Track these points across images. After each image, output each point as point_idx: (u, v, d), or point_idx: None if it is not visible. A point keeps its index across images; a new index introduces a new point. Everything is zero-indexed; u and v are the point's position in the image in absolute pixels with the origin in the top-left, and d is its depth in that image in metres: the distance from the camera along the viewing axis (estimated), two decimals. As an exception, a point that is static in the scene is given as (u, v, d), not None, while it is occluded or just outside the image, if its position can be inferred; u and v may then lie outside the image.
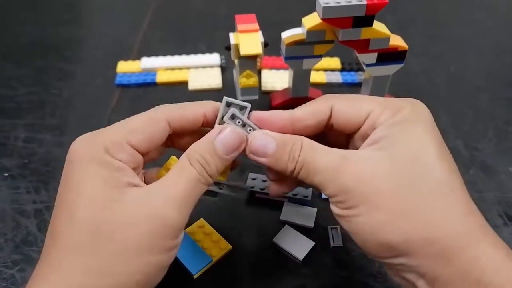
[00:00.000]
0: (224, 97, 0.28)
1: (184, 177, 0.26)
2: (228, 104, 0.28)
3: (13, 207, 0.38)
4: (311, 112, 0.29)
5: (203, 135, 0.27)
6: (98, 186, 0.25)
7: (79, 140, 0.27)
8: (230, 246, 0.34)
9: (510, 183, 0.40)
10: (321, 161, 0.26)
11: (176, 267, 0.31)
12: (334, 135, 0.30)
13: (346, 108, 0.28)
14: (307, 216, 0.36)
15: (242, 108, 0.28)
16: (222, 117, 0.28)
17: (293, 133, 0.28)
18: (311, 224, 0.36)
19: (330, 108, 0.28)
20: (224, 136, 0.27)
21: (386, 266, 0.26)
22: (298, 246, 0.34)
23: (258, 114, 0.28)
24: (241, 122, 0.28)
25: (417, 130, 0.26)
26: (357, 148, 0.27)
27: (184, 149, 0.27)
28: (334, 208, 0.26)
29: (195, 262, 0.33)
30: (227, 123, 0.28)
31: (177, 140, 0.30)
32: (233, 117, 0.28)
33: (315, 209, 0.37)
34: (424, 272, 0.24)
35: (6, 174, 0.41)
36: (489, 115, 0.48)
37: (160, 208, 0.24)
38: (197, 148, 0.27)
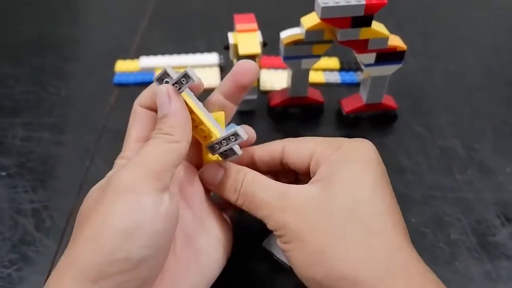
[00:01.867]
0: (153, 79, 0.29)
1: (144, 149, 0.26)
2: (161, 80, 0.28)
3: (11, 206, 0.38)
4: (266, 150, 0.31)
5: None
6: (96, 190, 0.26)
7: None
8: None
9: (508, 183, 0.40)
10: (261, 196, 0.28)
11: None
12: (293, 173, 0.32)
13: (293, 149, 0.30)
14: None
15: (166, 74, 0.28)
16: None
17: (257, 169, 0.30)
18: None
19: (282, 148, 0.31)
20: (157, 101, 0.27)
21: None
22: None
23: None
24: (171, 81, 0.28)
25: (354, 167, 0.27)
26: None
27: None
28: (277, 241, 0.28)
29: None
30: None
31: None
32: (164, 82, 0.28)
33: None
34: None
35: (4, 173, 0.41)
36: (487, 114, 0.48)
37: (126, 176, 0.24)
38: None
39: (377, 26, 0.39)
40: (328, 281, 0.25)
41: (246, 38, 0.43)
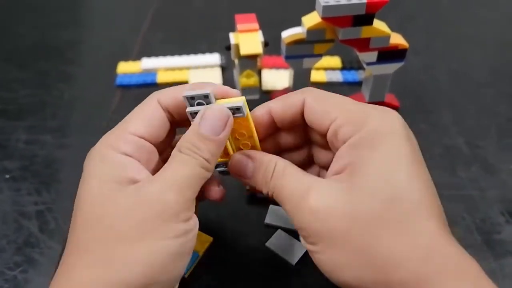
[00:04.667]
0: (183, 95, 0.27)
1: (177, 164, 0.25)
2: (192, 98, 0.27)
3: (15, 209, 0.38)
4: (283, 105, 0.28)
5: None
6: (96, 184, 0.25)
7: (93, 147, 0.27)
8: (211, 238, 0.34)
9: (512, 180, 0.40)
10: (287, 190, 0.26)
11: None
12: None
13: (314, 107, 0.27)
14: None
15: (206, 96, 0.27)
16: (190, 112, 0.27)
17: (273, 128, 0.29)
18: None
19: (303, 102, 0.28)
20: (207, 119, 0.26)
21: None
22: (291, 251, 0.34)
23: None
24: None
25: (381, 153, 0.24)
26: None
27: None
28: (302, 241, 0.26)
29: None
30: (192, 114, 0.27)
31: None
32: (196, 112, 0.27)
33: None
34: None
35: (8, 176, 0.41)
36: (491, 112, 0.48)
37: (157, 193, 0.24)
38: (185, 138, 0.26)
39: (379, 25, 0.39)
40: (362, 284, 0.23)
41: (248, 38, 0.43)
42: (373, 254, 0.23)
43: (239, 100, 0.26)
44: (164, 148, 0.30)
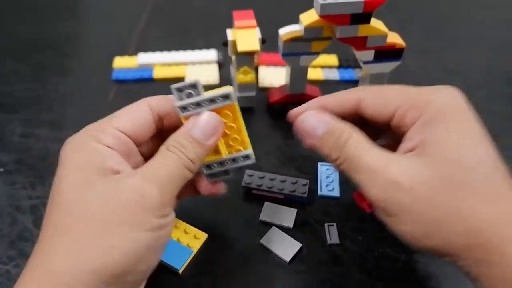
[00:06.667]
0: (171, 86, 0.27)
1: (163, 160, 0.26)
2: (180, 90, 0.27)
3: (10, 203, 0.38)
4: (337, 101, 0.30)
5: None
6: (75, 170, 0.25)
7: (73, 136, 0.27)
8: (206, 235, 0.35)
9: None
10: (363, 161, 0.26)
11: (161, 268, 0.31)
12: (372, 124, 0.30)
13: (373, 102, 0.28)
14: (287, 216, 0.36)
15: (193, 86, 0.27)
16: (179, 107, 0.27)
17: None
18: (290, 224, 0.36)
19: (357, 100, 0.29)
20: (200, 123, 0.27)
21: None
22: (285, 248, 0.34)
23: (294, 112, 0.30)
24: (194, 103, 0.27)
25: (451, 127, 0.25)
26: (396, 139, 0.28)
27: None
28: (377, 213, 0.26)
29: (177, 258, 0.33)
30: (181, 109, 0.27)
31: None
32: (184, 107, 0.27)
33: (295, 210, 0.36)
34: (468, 271, 0.24)
35: (2, 170, 0.41)
36: (487, 112, 0.47)
37: (137, 184, 0.24)
38: (174, 137, 0.27)
39: (376, 23, 0.39)
40: (448, 249, 0.24)
41: (245, 35, 0.43)
42: (462, 217, 0.23)
43: (227, 89, 0.28)
44: (147, 150, 0.30)
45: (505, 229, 0.23)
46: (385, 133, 0.31)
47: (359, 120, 0.30)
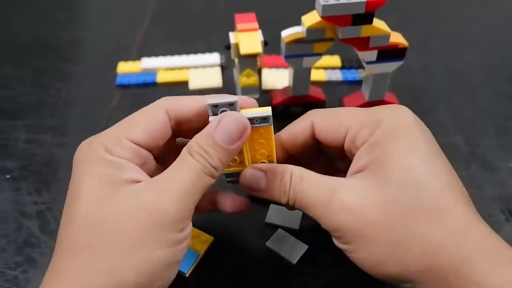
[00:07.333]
0: (206, 102, 0.26)
1: (183, 168, 0.24)
2: (215, 106, 0.26)
3: (15, 209, 0.38)
4: (293, 132, 0.29)
5: None
6: (94, 183, 0.24)
7: (82, 144, 0.27)
8: (212, 238, 0.34)
9: (511, 178, 0.40)
10: (311, 195, 0.26)
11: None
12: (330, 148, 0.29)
13: (325, 125, 0.28)
14: (293, 218, 0.36)
15: (231, 104, 0.26)
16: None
17: (288, 155, 0.29)
18: (296, 226, 0.36)
19: (311, 125, 0.28)
20: (224, 125, 0.25)
21: None
22: (292, 250, 0.34)
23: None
24: None
25: (399, 147, 0.25)
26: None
27: None
28: (335, 242, 0.26)
29: (183, 261, 0.32)
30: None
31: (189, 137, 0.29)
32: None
33: (301, 212, 0.36)
34: None
35: (8, 176, 0.41)
36: (489, 110, 0.48)
37: (155, 199, 0.23)
38: (197, 139, 0.25)
39: (378, 24, 0.39)
40: (406, 274, 0.23)
41: (247, 38, 0.43)
42: (415, 243, 0.23)
43: (266, 110, 0.26)
44: (160, 152, 0.29)
45: (454, 250, 0.23)
46: (343, 158, 0.30)
47: (317, 148, 0.29)
